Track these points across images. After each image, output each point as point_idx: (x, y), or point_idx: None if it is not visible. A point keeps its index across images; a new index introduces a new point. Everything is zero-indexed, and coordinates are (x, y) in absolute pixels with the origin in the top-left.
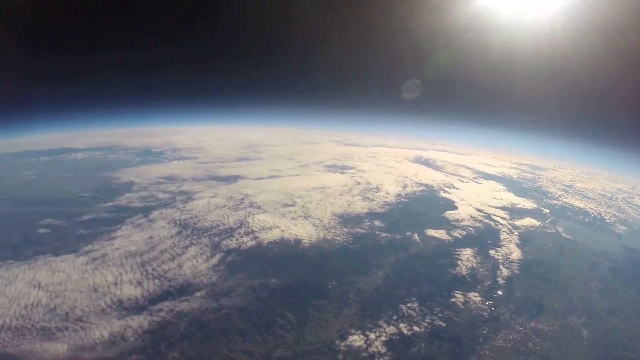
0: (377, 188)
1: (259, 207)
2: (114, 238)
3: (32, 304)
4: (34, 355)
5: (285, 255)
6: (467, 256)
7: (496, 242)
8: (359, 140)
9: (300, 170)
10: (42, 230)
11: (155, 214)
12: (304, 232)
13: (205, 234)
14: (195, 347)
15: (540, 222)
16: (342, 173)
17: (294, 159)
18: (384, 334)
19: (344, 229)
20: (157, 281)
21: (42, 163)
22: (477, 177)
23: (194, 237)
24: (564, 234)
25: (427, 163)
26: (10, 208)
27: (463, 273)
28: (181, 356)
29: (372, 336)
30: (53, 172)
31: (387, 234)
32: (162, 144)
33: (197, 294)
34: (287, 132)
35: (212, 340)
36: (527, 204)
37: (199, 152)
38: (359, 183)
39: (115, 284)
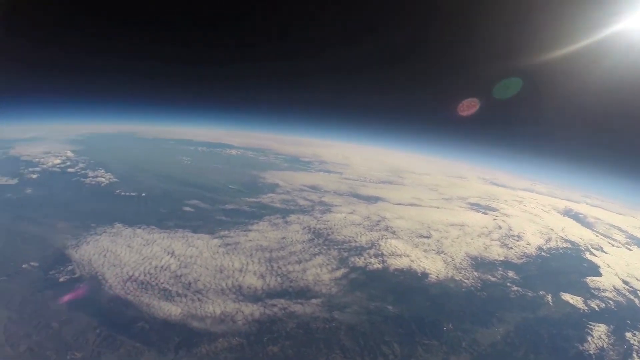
0: (518, 236)
1: (393, 232)
2: (250, 230)
3: (161, 267)
4: (148, 308)
5: (408, 286)
6: (599, 333)
7: (636, 325)
8: (507, 181)
9: (441, 203)
10: (187, 209)
11: (292, 217)
12: (433, 266)
13: (335, 247)
14: (295, 349)
15: None
16: (485, 213)
17: (437, 191)
18: None
19: (475, 273)
20: (279, 278)
21: (199, 152)
22: (630, 243)
23: (324, 247)
24: None
25: (576, 217)
26: (165, 184)
27: (590, 352)
28: (280, 353)
29: None
30: (207, 162)
31: (519, 288)
32: (311, 154)
33: (313, 300)
34: (434, 161)
35: (313, 347)
36: None
37: (344, 168)
38: (500, 227)
39: (240, 271)
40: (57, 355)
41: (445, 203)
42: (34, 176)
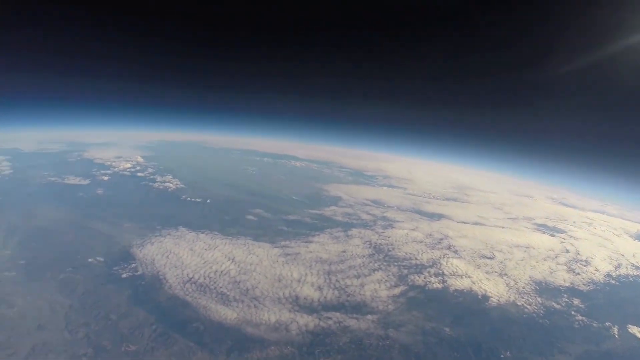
0: (586, 261)
1: (455, 252)
2: (311, 242)
3: (221, 272)
4: (205, 310)
5: (467, 308)
6: None
7: None
8: (576, 202)
9: (507, 223)
10: (250, 217)
11: (354, 231)
12: (495, 290)
13: (395, 263)
14: None
15: None
16: (552, 235)
17: (503, 210)
18: None
19: (538, 299)
20: (336, 292)
21: (264, 163)
22: None
23: (384, 263)
24: None
25: None
26: (230, 192)
27: None
28: None
29: None
30: (272, 173)
31: (583, 318)
32: (375, 169)
33: (369, 316)
34: (501, 179)
35: None
36: None
37: (408, 183)
38: (567, 251)
39: (299, 281)
40: (112, 345)
41: (510, 223)
42: (105, 178)
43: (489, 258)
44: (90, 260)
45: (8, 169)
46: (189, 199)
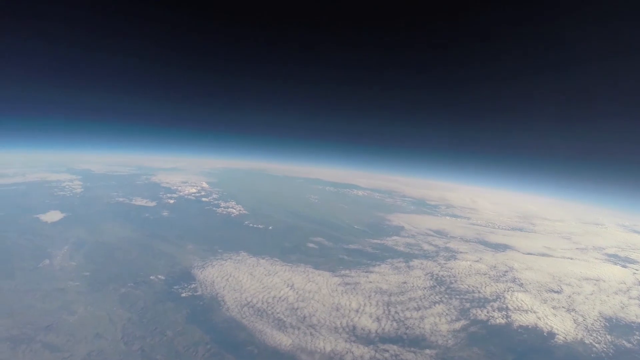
0: None
1: (520, 285)
2: (371, 272)
3: (279, 298)
4: (260, 335)
5: (531, 346)
6: None
7: None
8: None
9: (575, 254)
10: (311, 245)
11: (415, 262)
12: (562, 326)
13: (457, 296)
14: None
15: None
16: (623, 267)
17: (571, 239)
18: None
19: (608, 337)
20: (394, 323)
21: (326, 192)
22: None
23: (445, 296)
24: None
25: None
26: (292, 220)
27: None
28: None
29: None
30: (334, 201)
31: None
32: (438, 198)
33: (427, 351)
34: (569, 206)
35: None
36: None
37: (472, 212)
38: None
39: (357, 311)
40: None
41: (579, 254)
42: (171, 201)
43: (556, 292)
44: (151, 277)
45: (79, 187)
46: (251, 224)
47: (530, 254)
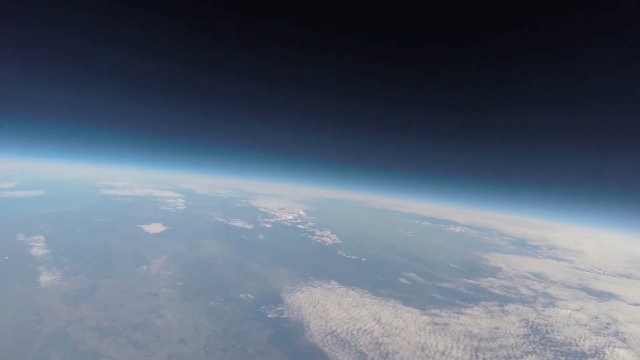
0: None
1: (623, 340)
2: (462, 314)
3: (364, 330)
4: None
5: None
6: None
7: None
8: None
9: None
10: (403, 280)
11: (510, 306)
12: None
13: (552, 348)
14: None
15: None
16: None
17: None
18: None
19: None
20: None
21: (422, 227)
22: None
23: (539, 346)
24: None
25: None
26: (385, 253)
27: None
28: None
29: None
30: (429, 237)
31: None
32: (539, 237)
33: None
34: None
35: None
36: None
37: (575, 255)
38: None
39: (442, 354)
40: None
41: None
42: (268, 225)
43: None
44: (241, 295)
45: (182, 205)
46: (344, 255)
47: (637, 304)
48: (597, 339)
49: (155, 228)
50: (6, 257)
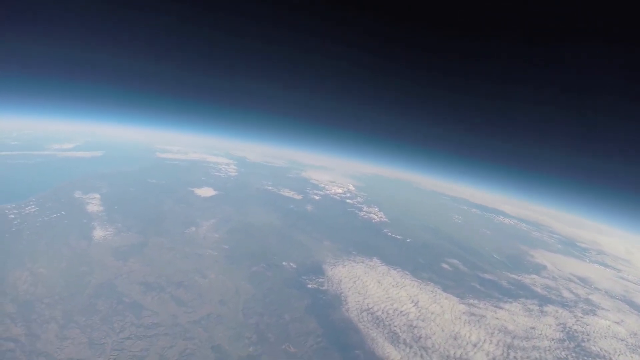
0: None
1: None
2: (500, 308)
3: (401, 311)
4: (372, 342)
5: None
6: None
7: None
8: None
9: None
10: (445, 266)
11: (550, 308)
12: None
13: (585, 357)
14: None
15: None
16: None
17: None
18: None
19: None
20: None
21: (471, 213)
22: None
23: (572, 354)
24: None
25: None
26: (431, 236)
27: None
28: None
29: None
30: (477, 225)
31: None
32: (590, 240)
33: None
34: None
35: None
36: None
37: (624, 264)
38: None
39: (474, 345)
40: (275, 340)
41: None
42: (317, 197)
43: None
44: (284, 263)
45: (234, 171)
46: (390, 233)
47: None
48: (632, 357)
49: (206, 192)
50: (63, 212)
